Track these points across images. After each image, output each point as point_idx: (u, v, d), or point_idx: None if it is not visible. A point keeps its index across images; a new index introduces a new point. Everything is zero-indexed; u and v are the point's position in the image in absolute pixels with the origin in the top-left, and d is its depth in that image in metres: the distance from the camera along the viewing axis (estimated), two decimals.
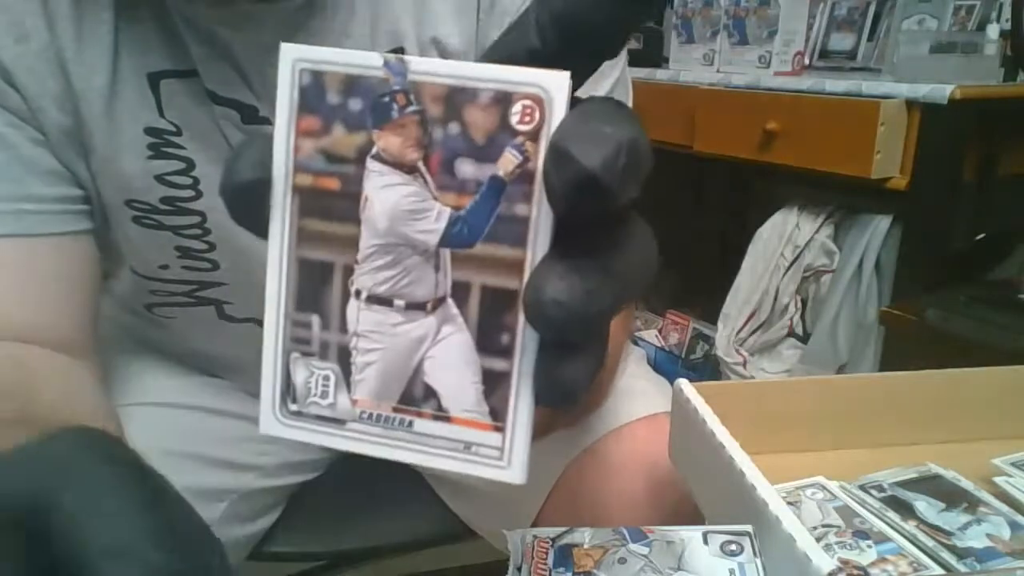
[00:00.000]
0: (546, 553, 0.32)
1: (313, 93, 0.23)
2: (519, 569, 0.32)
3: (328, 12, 0.49)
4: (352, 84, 0.23)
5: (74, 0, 0.48)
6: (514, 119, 0.21)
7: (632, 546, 0.32)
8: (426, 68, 0.22)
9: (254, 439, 0.70)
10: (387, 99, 0.23)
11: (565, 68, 0.21)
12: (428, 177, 0.23)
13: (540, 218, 0.22)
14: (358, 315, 0.24)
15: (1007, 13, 1.34)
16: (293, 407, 0.25)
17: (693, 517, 0.44)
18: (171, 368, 0.69)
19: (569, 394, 0.22)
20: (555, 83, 0.21)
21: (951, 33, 1.37)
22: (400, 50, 0.51)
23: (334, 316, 0.24)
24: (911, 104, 1.26)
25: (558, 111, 0.21)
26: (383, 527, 0.74)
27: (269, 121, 0.52)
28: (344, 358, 0.25)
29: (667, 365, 1.84)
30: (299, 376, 0.25)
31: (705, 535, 0.33)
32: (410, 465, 0.25)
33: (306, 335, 0.25)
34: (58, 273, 0.52)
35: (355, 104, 0.23)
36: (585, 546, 0.33)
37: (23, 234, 0.50)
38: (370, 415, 0.25)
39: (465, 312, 0.23)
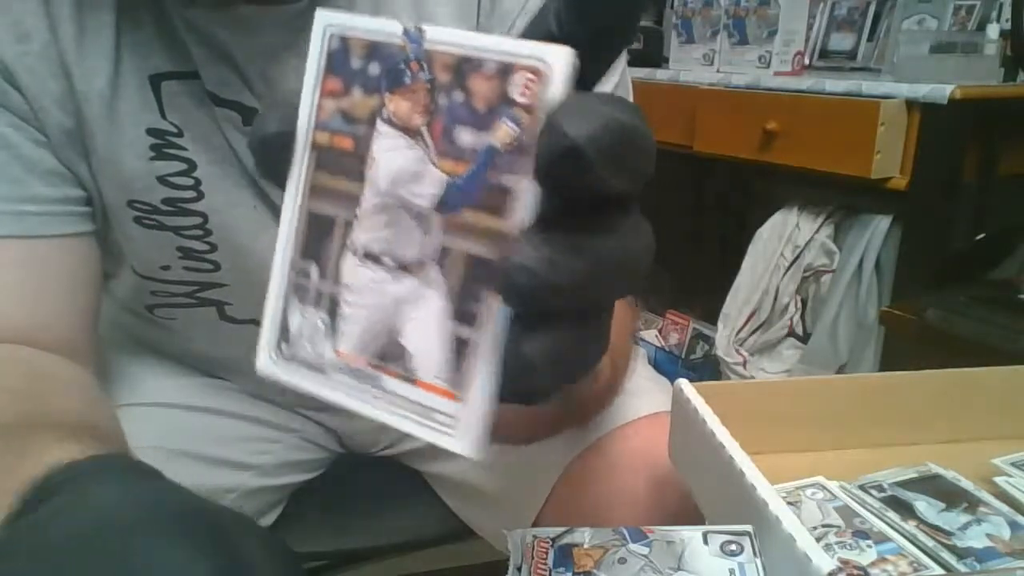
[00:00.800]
0: (546, 553, 0.32)
1: (339, 57, 0.25)
2: (519, 569, 0.32)
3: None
4: (373, 50, 0.24)
5: (75, 1, 0.48)
6: (513, 90, 0.22)
7: (632, 546, 0.32)
8: (440, 37, 0.23)
9: (254, 439, 0.70)
10: (402, 66, 0.23)
11: (583, 54, 0.21)
12: (430, 142, 0.23)
13: (528, 191, 0.22)
14: (351, 269, 0.25)
15: (1007, 13, 1.34)
16: (286, 349, 0.27)
17: (693, 517, 0.44)
18: (171, 368, 0.69)
19: (527, 370, 0.22)
20: (555, 57, 0.21)
21: (951, 33, 1.37)
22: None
23: (331, 268, 0.26)
24: (911, 104, 1.26)
25: (556, 85, 0.21)
26: (383, 527, 0.74)
27: None
28: (333, 309, 0.26)
29: (667, 365, 1.84)
30: (294, 321, 0.26)
31: (705, 535, 0.33)
32: (377, 422, 0.26)
33: (305, 283, 0.26)
34: (59, 274, 0.52)
35: (374, 69, 0.24)
36: (585, 546, 0.33)
37: (24, 235, 0.50)
38: (348, 367, 0.26)
39: (447, 278, 0.24)
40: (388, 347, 0.25)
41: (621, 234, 0.22)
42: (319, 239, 0.26)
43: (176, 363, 0.70)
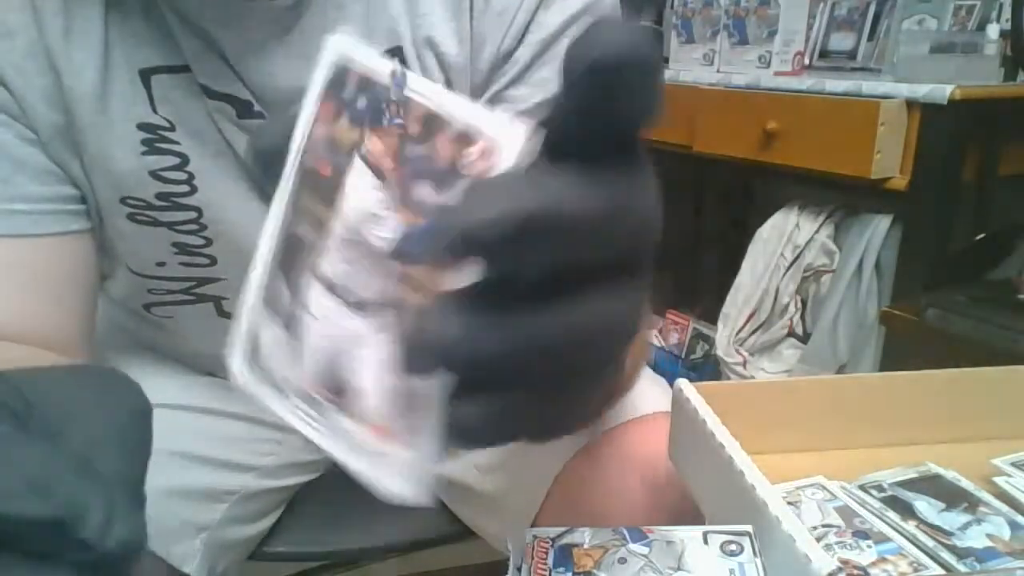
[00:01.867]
0: (546, 553, 0.32)
1: (337, 84, 0.25)
2: (519, 569, 0.32)
3: (318, 10, 0.49)
4: (366, 84, 0.24)
5: None
6: (471, 156, 0.22)
7: (632, 546, 0.32)
8: (418, 87, 0.23)
9: (255, 440, 0.70)
10: (383, 105, 0.24)
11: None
12: (394, 188, 0.23)
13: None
14: (315, 296, 0.25)
15: (1007, 13, 1.34)
16: (256, 366, 0.27)
17: (693, 517, 0.44)
18: (171, 368, 0.69)
19: (463, 435, 0.22)
20: (507, 134, 0.21)
21: (951, 33, 1.37)
22: (398, 50, 0.51)
23: (299, 289, 0.26)
24: (911, 104, 1.26)
25: (505, 161, 0.21)
26: (383, 527, 0.74)
27: (264, 116, 0.52)
28: (297, 331, 0.26)
29: (667, 365, 1.84)
30: (265, 334, 0.27)
31: (705, 535, 0.33)
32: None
33: (276, 304, 0.26)
34: (53, 274, 0.51)
35: (362, 102, 0.24)
36: (585, 546, 0.33)
37: (15, 234, 0.49)
38: (305, 393, 0.26)
39: (399, 326, 0.23)
40: (341, 381, 0.25)
41: (582, 308, 0.21)
42: (293, 258, 0.26)
43: (176, 363, 0.69)
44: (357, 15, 0.50)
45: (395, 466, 0.24)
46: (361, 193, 0.24)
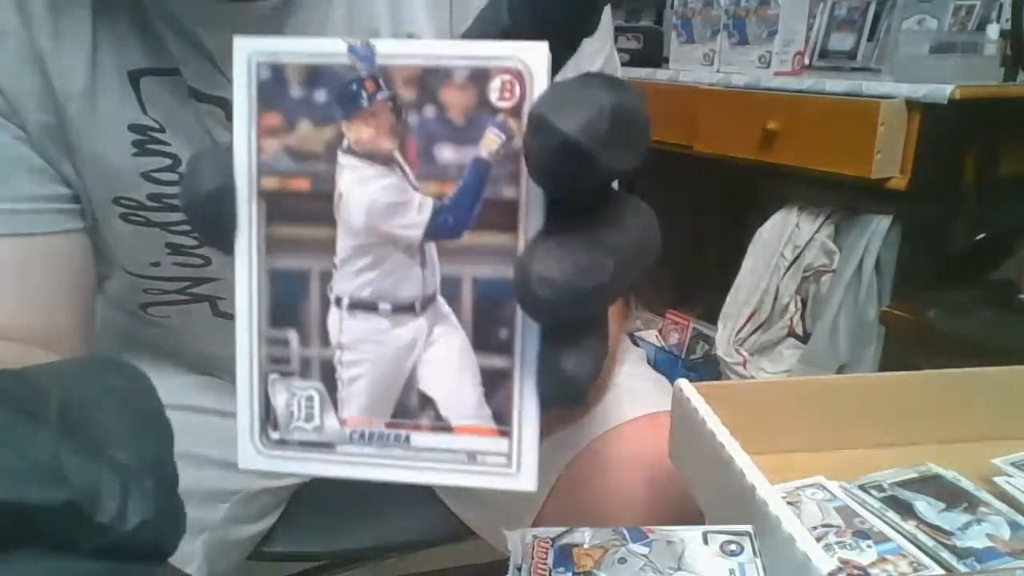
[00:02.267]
0: (546, 553, 0.32)
1: (273, 88, 0.21)
2: (519, 569, 0.32)
3: (304, 11, 0.49)
4: (316, 74, 0.21)
5: None
6: (493, 96, 0.20)
7: (632, 546, 0.32)
8: (395, 50, 0.21)
9: None
10: (355, 87, 0.21)
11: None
12: (406, 167, 0.21)
13: (529, 199, 0.21)
14: (341, 325, 0.22)
15: (1007, 13, 1.34)
16: (275, 435, 0.23)
17: (693, 517, 0.44)
18: (169, 369, 0.69)
19: (576, 389, 0.21)
20: (534, 54, 0.20)
21: (951, 33, 1.37)
22: None
23: (314, 329, 0.23)
24: (911, 104, 1.26)
25: (539, 84, 0.20)
26: (383, 527, 0.74)
27: None
28: (328, 374, 0.23)
29: (667, 365, 1.84)
30: (279, 399, 0.23)
31: (705, 535, 0.33)
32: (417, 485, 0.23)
33: (284, 353, 0.23)
34: (50, 273, 0.52)
35: (320, 96, 0.21)
36: (585, 546, 0.33)
37: (11, 233, 0.49)
38: (362, 434, 0.23)
39: (458, 309, 0.22)
40: (404, 400, 0.22)
41: (629, 222, 0.21)
42: (291, 299, 0.23)
43: (175, 363, 0.69)
44: (342, 14, 0.50)
45: (505, 460, 0.22)
46: (363, 189, 0.21)
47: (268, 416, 0.23)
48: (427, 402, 0.22)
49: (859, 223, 1.40)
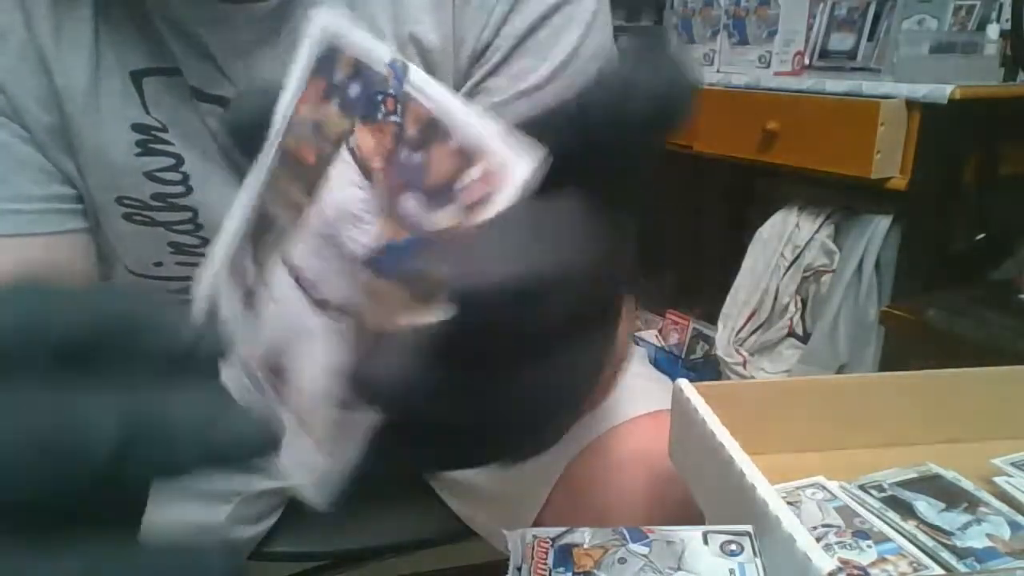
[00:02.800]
0: (546, 553, 0.32)
1: (326, 64, 0.23)
2: (519, 569, 0.32)
3: (303, 12, 0.49)
4: (359, 70, 0.22)
5: None
6: (467, 180, 0.19)
7: (632, 546, 0.32)
8: (420, 84, 0.21)
9: None
10: (380, 98, 0.21)
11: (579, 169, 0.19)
12: (381, 194, 0.21)
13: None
14: (277, 277, 0.24)
15: (1007, 13, 1.34)
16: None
17: (693, 517, 0.44)
18: None
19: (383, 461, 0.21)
20: (516, 161, 0.19)
21: (951, 33, 1.38)
22: None
23: (265, 270, 0.24)
24: (911, 104, 1.26)
25: (508, 192, 0.19)
26: (383, 527, 0.74)
27: None
28: (251, 303, 0.25)
29: (667, 365, 1.84)
30: (224, 303, 0.25)
31: (705, 535, 0.33)
32: None
33: (241, 272, 0.25)
34: (52, 273, 0.51)
35: (354, 89, 0.22)
36: (585, 546, 0.33)
37: (13, 234, 0.49)
38: (252, 371, 0.25)
39: (353, 337, 0.22)
40: (282, 369, 0.24)
41: (540, 375, 0.20)
42: (263, 235, 0.25)
43: None
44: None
45: (309, 468, 0.23)
46: (344, 189, 0.22)
47: (213, 313, 0.26)
48: (292, 385, 0.23)
49: (859, 223, 1.41)
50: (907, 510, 0.42)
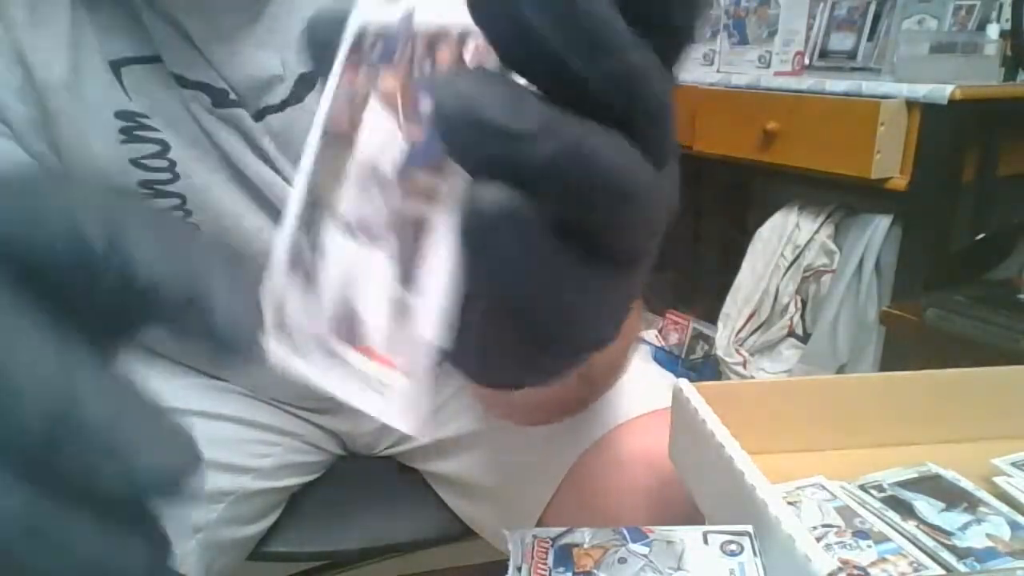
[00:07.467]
0: (546, 553, 0.32)
1: (356, 48, 0.25)
2: (519, 569, 0.32)
3: None
4: (381, 35, 0.24)
5: None
6: (464, 55, 0.21)
7: (632, 546, 0.32)
8: (426, 13, 0.23)
9: (253, 442, 0.70)
10: (396, 44, 0.23)
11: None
12: (400, 111, 0.23)
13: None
14: (330, 239, 0.24)
15: (1007, 13, 1.35)
16: (284, 335, 0.26)
17: (693, 517, 0.44)
18: (168, 370, 0.69)
19: (476, 351, 0.21)
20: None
21: (951, 33, 1.38)
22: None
23: (319, 243, 0.25)
24: (911, 104, 1.26)
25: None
26: (383, 527, 0.74)
27: (240, 104, 0.51)
28: (310, 281, 0.25)
29: (667, 365, 1.84)
30: (290, 302, 0.25)
31: (705, 535, 0.33)
32: (340, 400, 0.24)
33: (299, 261, 0.25)
34: None
35: (377, 52, 0.24)
36: (585, 546, 0.33)
37: None
38: (321, 344, 0.25)
39: (401, 244, 0.23)
40: (349, 319, 0.24)
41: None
42: (312, 212, 0.25)
43: (173, 364, 0.69)
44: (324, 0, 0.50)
45: (394, 395, 0.23)
46: (375, 130, 0.24)
47: (283, 319, 0.26)
48: (360, 321, 0.24)
49: (859, 223, 1.41)
50: (907, 510, 0.42)
